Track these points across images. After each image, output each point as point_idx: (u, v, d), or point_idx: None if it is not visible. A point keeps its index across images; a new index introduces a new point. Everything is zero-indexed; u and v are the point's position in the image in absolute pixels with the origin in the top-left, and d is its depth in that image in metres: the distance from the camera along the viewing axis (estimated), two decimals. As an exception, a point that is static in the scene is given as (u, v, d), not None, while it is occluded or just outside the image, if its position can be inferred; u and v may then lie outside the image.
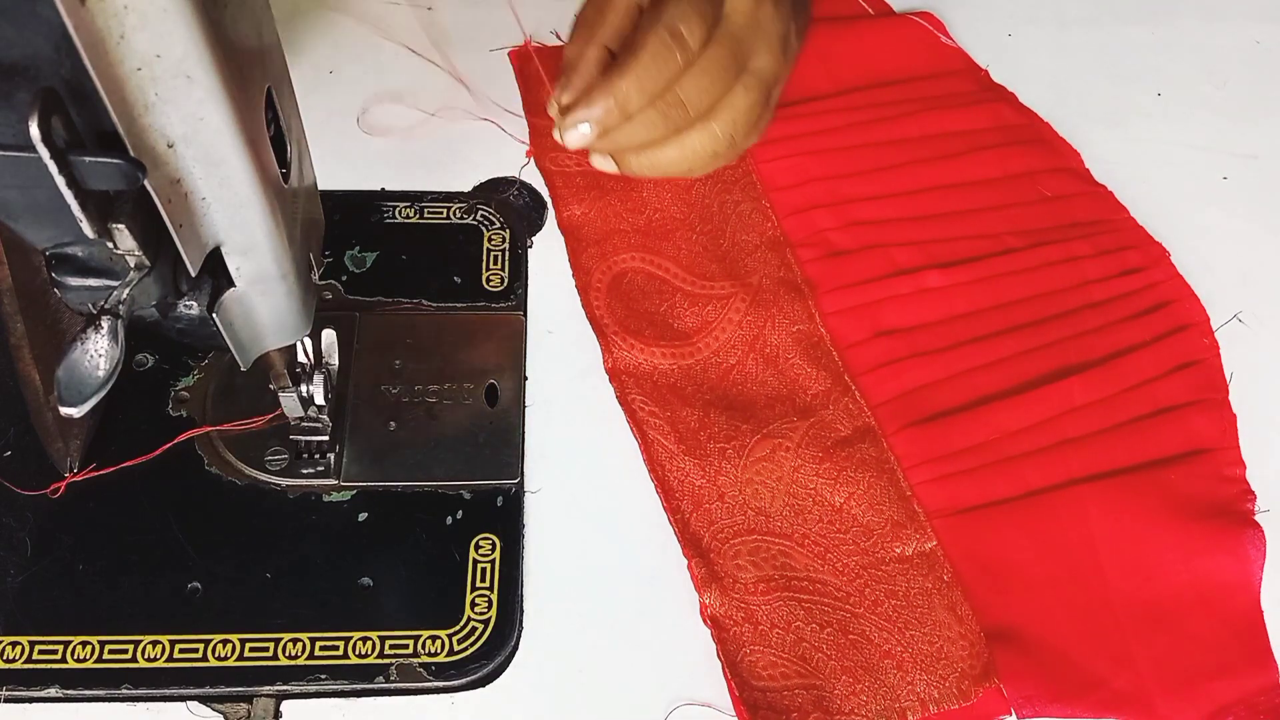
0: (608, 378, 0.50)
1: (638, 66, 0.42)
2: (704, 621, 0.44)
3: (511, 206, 0.54)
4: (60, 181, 0.25)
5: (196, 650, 0.41)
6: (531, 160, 0.56)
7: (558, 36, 0.61)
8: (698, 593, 0.44)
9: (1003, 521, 0.46)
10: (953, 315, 0.52)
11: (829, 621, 0.43)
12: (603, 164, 0.46)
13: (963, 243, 0.54)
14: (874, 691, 0.42)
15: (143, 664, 0.41)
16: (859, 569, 0.45)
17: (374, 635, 0.42)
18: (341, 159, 0.54)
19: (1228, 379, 0.51)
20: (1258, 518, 0.47)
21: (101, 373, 0.29)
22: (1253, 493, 0.48)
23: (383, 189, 0.54)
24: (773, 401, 0.49)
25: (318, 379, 0.42)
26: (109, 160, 0.25)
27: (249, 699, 0.41)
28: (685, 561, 0.45)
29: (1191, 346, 0.51)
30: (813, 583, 0.44)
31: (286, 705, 0.41)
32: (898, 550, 0.45)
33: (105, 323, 0.29)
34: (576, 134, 0.42)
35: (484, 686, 0.42)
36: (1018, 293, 0.53)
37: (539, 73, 0.59)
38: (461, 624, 0.42)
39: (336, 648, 0.41)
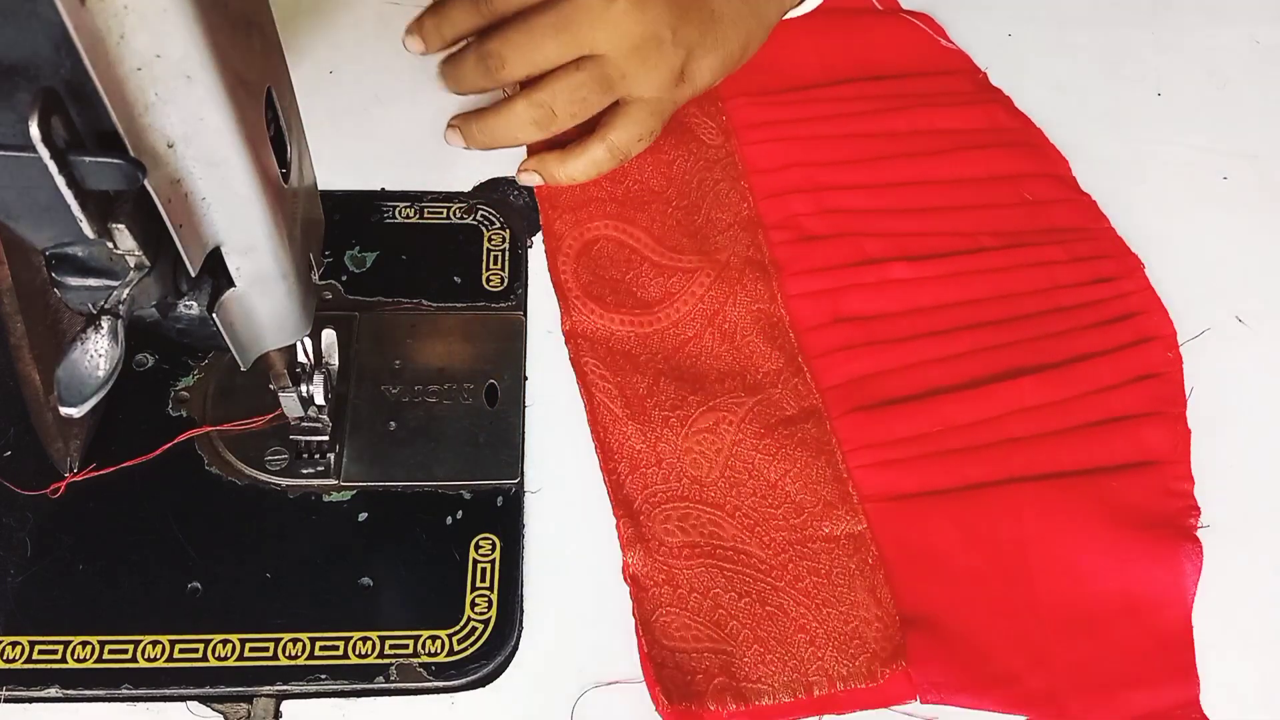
0: (563, 339, 0.50)
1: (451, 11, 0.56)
2: (624, 579, 0.44)
3: (511, 206, 0.54)
4: (60, 181, 0.25)
5: (196, 650, 0.41)
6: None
7: None
8: (622, 551, 0.45)
9: (935, 512, 0.46)
10: (915, 308, 0.52)
11: (748, 591, 0.44)
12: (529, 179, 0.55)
13: (936, 238, 0.54)
14: (783, 662, 0.42)
15: (143, 664, 0.41)
16: (785, 544, 0.45)
17: (374, 635, 0.42)
18: (341, 159, 0.54)
19: (1188, 393, 0.51)
20: (1200, 533, 0.46)
21: (101, 373, 0.29)
22: (1197, 509, 0.47)
23: (383, 189, 0.54)
24: (724, 376, 0.49)
25: (318, 379, 0.42)
26: (109, 160, 0.25)
27: (249, 699, 0.41)
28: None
29: (1154, 359, 0.51)
30: (738, 553, 0.45)
31: (286, 705, 0.41)
32: (826, 530, 0.46)
33: (105, 323, 0.29)
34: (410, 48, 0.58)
35: (484, 686, 0.42)
36: (984, 291, 0.53)
37: None
38: (461, 624, 0.42)
39: (336, 648, 0.41)
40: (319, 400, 0.42)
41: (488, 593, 0.43)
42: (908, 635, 0.43)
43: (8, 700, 0.40)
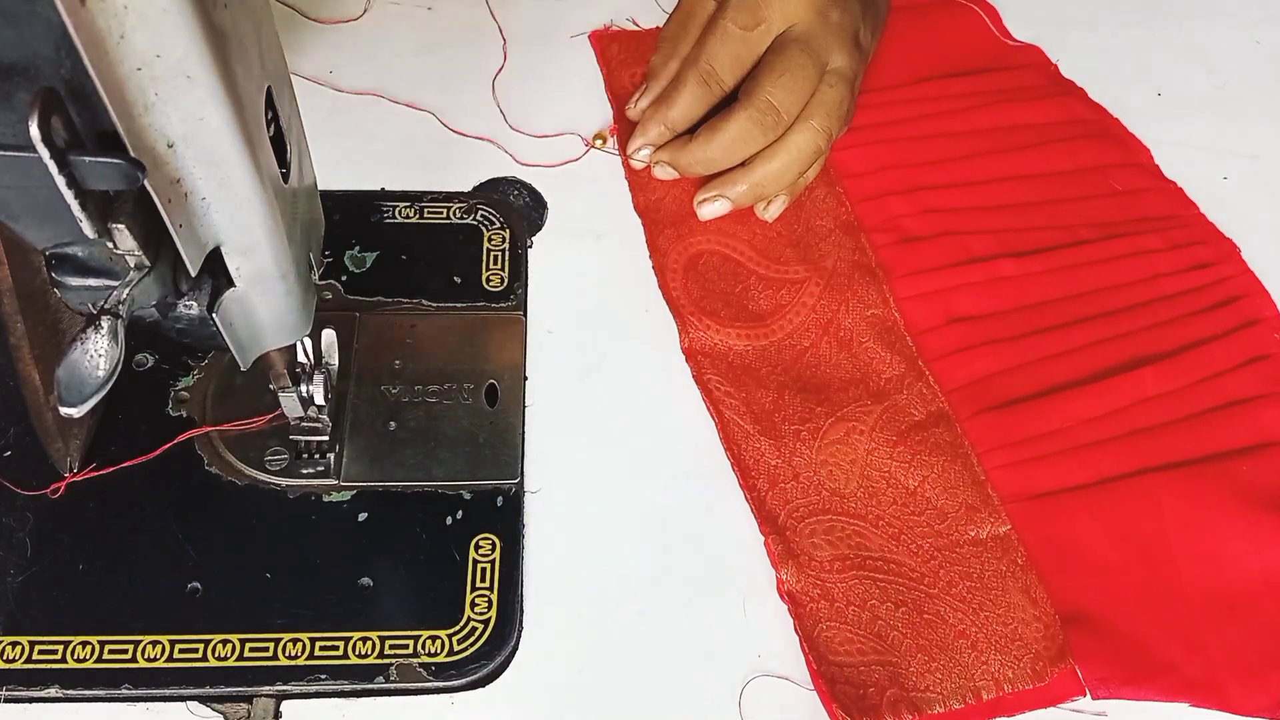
0: (684, 357, 0.50)
1: (678, 100, 0.53)
2: (781, 597, 0.44)
3: (511, 206, 0.54)
4: (60, 181, 0.25)
5: (196, 650, 0.41)
6: (614, 139, 0.58)
7: (634, 23, 0.63)
8: (774, 569, 0.45)
9: (1076, 507, 0.47)
10: (1025, 304, 0.52)
11: (903, 601, 0.44)
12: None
13: (1036, 233, 0.55)
14: (949, 670, 0.42)
15: (143, 664, 0.41)
16: (933, 550, 0.45)
17: (374, 635, 0.42)
18: (341, 159, 0.54)
19: None
20: None
21: (101, 373, 0.29)
22: None
23: (383, 189, 0.54)
24: (846, 385, 0.50)
25: (318, 379, 0.42)
26: (109, 160, 0.25)
27: (249, 699, 0.41)
28: (690, 562, 0.45)
29: (1261, 341, 0.52)
30: (887, 563, 0.45)
31: (286, 705, 0.41)
32: (972, 533, 0.46)
33: (105, 323, 0.29)
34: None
35: (484, 686, 0.42)
36: (1090, 284, 0.53)
37: (620, 56, 0.61)
38: (461, 624, 0.42)
39: (336, 648, 0.41)
40: (319, 400, 0.42)
41: (488, 593, 0.43)
42: (1069, 633, 0.44)
43: (8, 700, 0.40)
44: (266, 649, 0.41)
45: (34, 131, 0.23)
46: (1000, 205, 0.56)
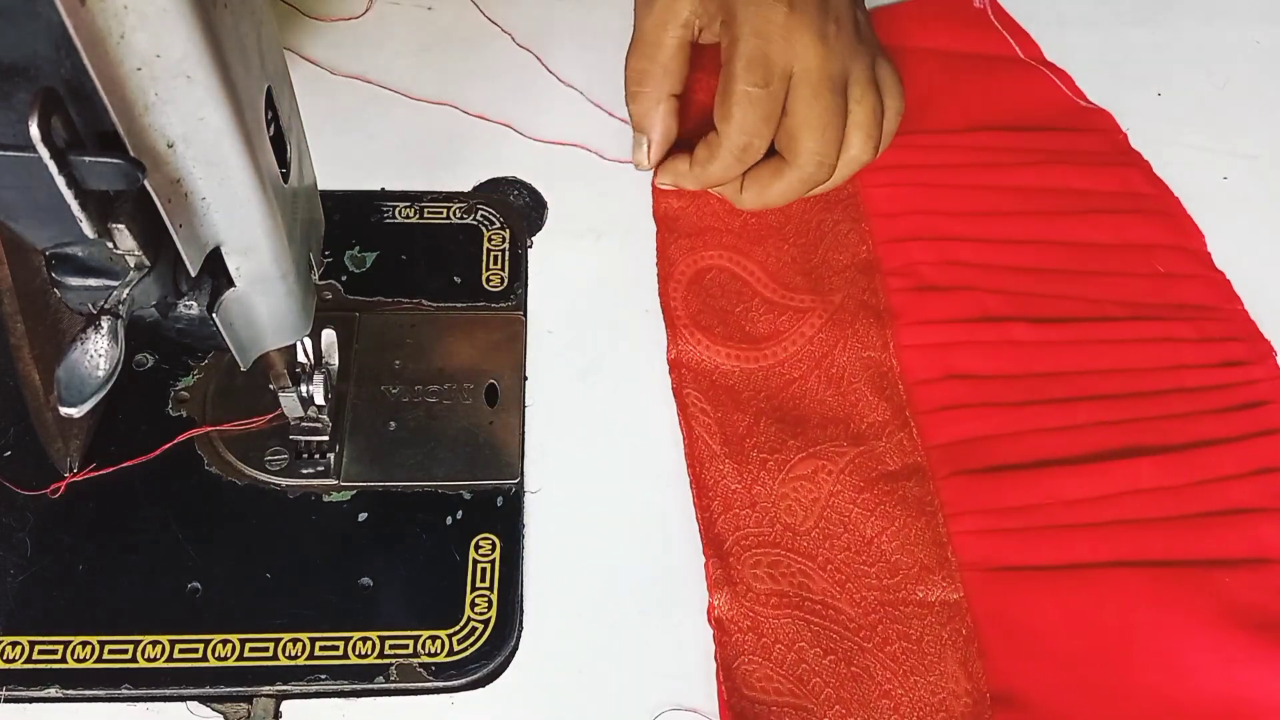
0: (668, 367, 0.50)
1: (715, 169, 0.51)
2: (709, 621, 0.43)
3: (511, 206, 0.54)
4: (60, 181, 0.25)
5: (196, 650, 0.41)
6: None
7: None
8: (709, 592, 0.44)
9: (1038, 588, 0.45)
10: (1033, 372, 0.50)
11: (834, 649, 0.43)
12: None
13: (1060, 301, 0.52)
14: None
15: (143, 664, 0.41)
16: (877, 604, 0.44)
17: (374, 635, 0.42)
18: (341, 159, 0.54)
19: None
20: None
21: (101, 373, 0.29)
22: None
23: (383, 189, 0.54)
24: (826, 422, 0.48)
25: (318, 379, 0.42)
26: (109, 160, 0.25)
27: (249, 699, 0.41)
28: (690, 563, 0.45)
29: (1277, 452, 0.49)
30: (827, 608, 0.44)
31: (286, 705, 0.41)
32: (920, 594, 0.44)
33: (105, 323, 0.29)
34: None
35: (484, 686, 0.42)
36: (1106, 362, 0.51)
37: None
38: (461, 624, 0.42)
39: (336, 648, 0.41)
40: (319, 400, 0.42)
41: (488, 593, 0.43)
42: (997, 713, 0.42)
43: (8, 700, 0.40)
44: (266, 649, 0.41)
45: (34, 131, 0.23)
46: (1029, 268, 0.53)
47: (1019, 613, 0.44)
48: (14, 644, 0.41)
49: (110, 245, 0.28)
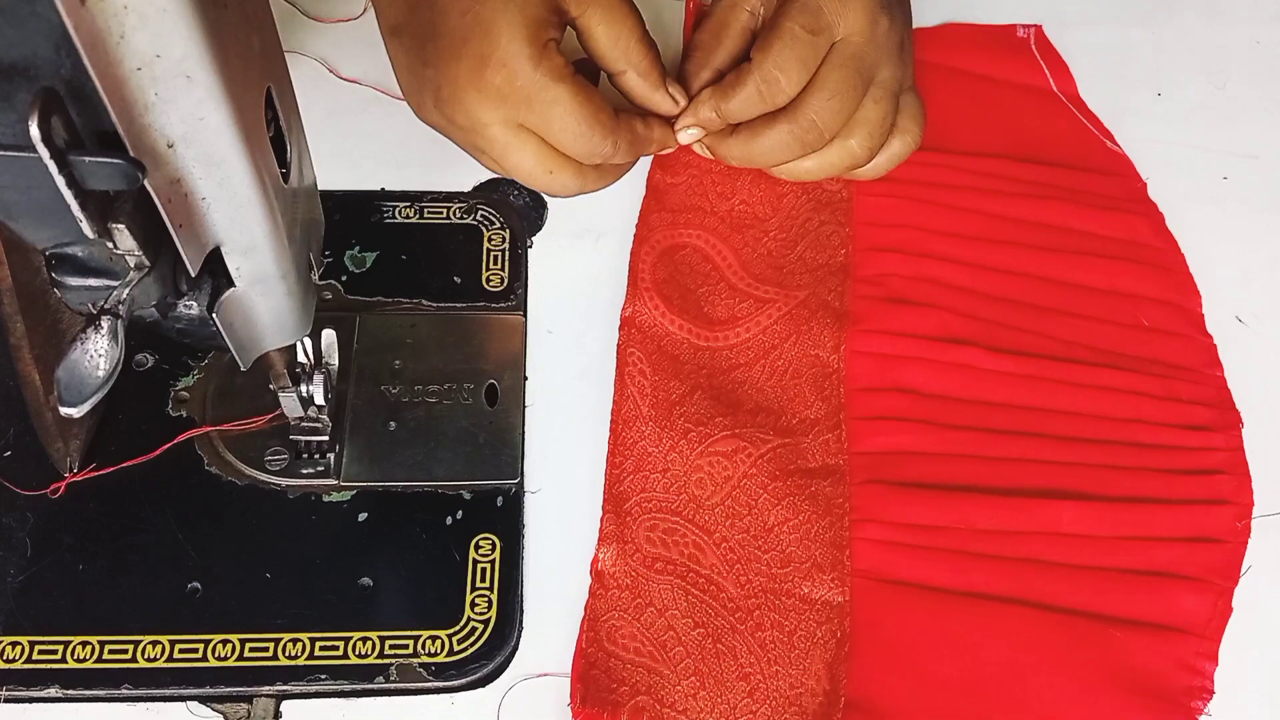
0: (618, 324, 0.50)
1: (735, 99, 0.49)
2: (590, 573, 0.44)
3: (511, 206, 0.54)
4: (60, 181, 0.25)
5: (196, 650, 0.41)
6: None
7: None
8: (597, 545, 0.45)
9: (923, 607, 0.44)
10: (980, 399, 0.49)
11: (705, 624, 0.43)
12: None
13: (1028, 336, 0.51)
14: (713, 703, 0.42)
15: (143, 664, 0.41)
16: (760, 590, 0.44)
17: (374, 635, 0.42)
18: (341, 159, 0.54)
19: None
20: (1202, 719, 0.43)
21: (101, 373, 0.29)
22: (1209, 692, 0.43)
23: (383, 189, 0.54)
24: (759, 410, 0.48)
25: (318, 379, 0.42)
26: (109, 160, 0.25)
27: (249, 699, 0.41)
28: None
29: (1220, 525, 0.47)
30: (710, 583, 0.44)
31: (286, 705, 0.41)
32: (805, 590, 0.44)
33: (105, 323, 0.29)
34: (687, 135, 0.51)
35: (484, 686, 0.42)
36: (1059, 403, 0.49)
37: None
38: (461, 624, 0.42)
39: (336, 648, 0.42)
40: (319, 400, 0.42)
41: (488, 593, 0.43)
42: (847, 716, 0.42)
43: (8, 700, 0.40)
44: (266, 649, 0.41)
45: (34, 131, 0.23)
46: (1004, 298, 0.52)
47: (898, 627, 0.44)
48: (14, 644, 0.41)
49: (110, 245, 0.28)
